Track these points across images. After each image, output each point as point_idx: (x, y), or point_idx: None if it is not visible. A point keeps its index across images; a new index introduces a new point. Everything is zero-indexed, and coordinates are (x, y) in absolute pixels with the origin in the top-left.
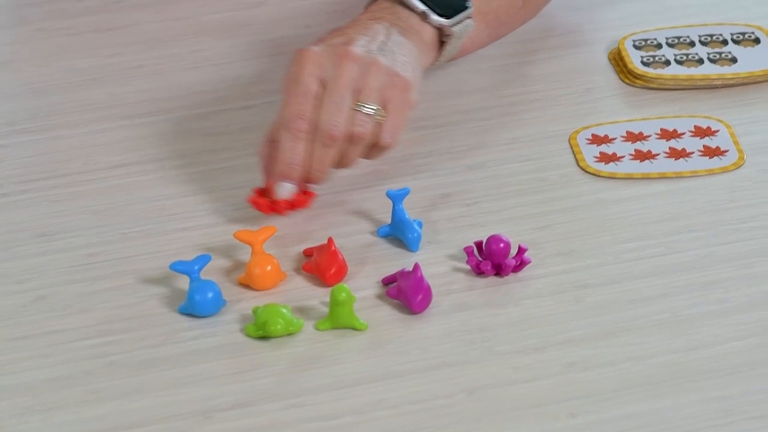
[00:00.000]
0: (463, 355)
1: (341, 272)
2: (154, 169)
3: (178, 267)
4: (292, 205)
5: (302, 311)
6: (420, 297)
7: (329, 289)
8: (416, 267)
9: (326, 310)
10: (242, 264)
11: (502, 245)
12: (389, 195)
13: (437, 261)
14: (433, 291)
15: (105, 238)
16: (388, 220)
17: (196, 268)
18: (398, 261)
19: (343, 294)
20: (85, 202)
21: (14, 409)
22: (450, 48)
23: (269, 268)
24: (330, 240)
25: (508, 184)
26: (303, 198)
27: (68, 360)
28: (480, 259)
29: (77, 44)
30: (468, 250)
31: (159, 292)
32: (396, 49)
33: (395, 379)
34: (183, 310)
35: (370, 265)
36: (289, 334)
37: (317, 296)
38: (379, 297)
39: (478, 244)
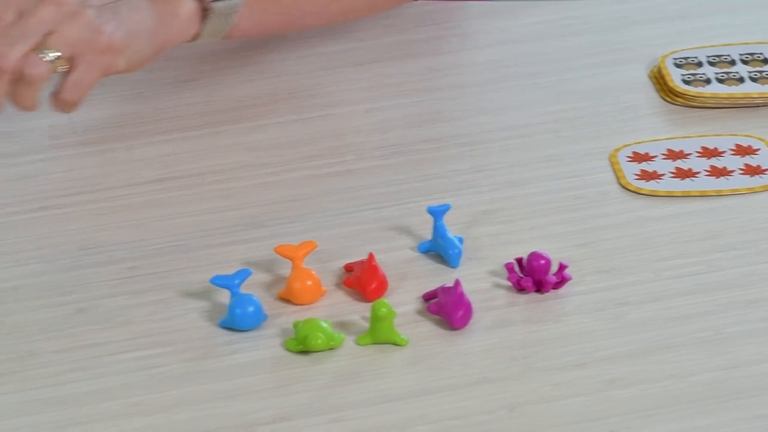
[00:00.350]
0: (503, 371)
1: (382, 287)
2: (195, 184)
3: (219, 281)
4: None
5: (343, 326)
6: (461, 313)
7: (370, 305)
8: (457, 283)
9: (367, 325)
10: (283, 278)
11: (542, 262)
12: (430, 211)
13: (478, 277)
14: (474, 307)
15: (146, 252)
16: (429, 236)
17: (237, 282)
18: (439, 277)
19: (384, 309)
20: (126, 215)
21: (55, 422)
22: (212, 26)
23: (310, 282)
24: (371, 255)
25: (549, 201)
26: None
27: (109, 373)
28: (521, 275)
29: None
30: (509, 267)
31: (200, 306)
32: (125, 12)
33: (436, 394)
34: (224, 324)
35: (410, 280)
36: (330, 349)
37: (358, 311)
38: (420, 312)
39: (519, 261)
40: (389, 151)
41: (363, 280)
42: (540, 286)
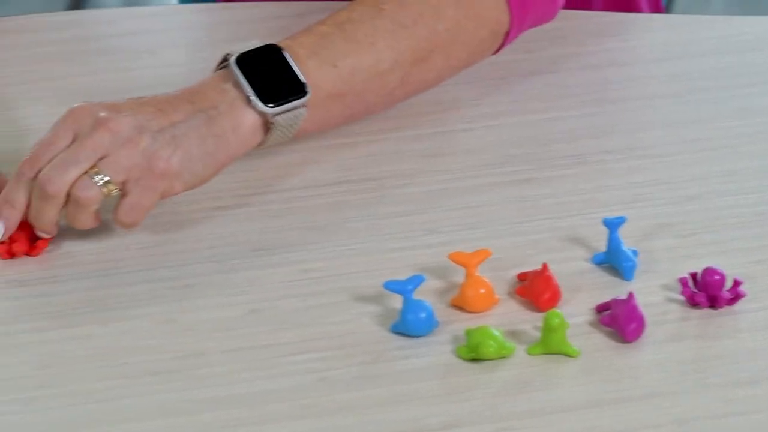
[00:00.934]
0: (674, 386)
1: (555, 298)
2: (372, 188)
3: (392, 286)
4: (11, 253)
5: (514, 335)
6: (633, 326)
7: (542, 314)
8: (630, 296)
9: (538, 335)
10: (456, 286)
11: (717, 277)
12: (605, 223)
13: (651, 290)
14: (647, 320)
15: (320, 255)
16: (604, 248)
17: (410, 288)
18: (612, 289)
19: (557, 319)
20: (301, 218)
21: (226, 421)
22: (276, 136)
23: (483, 291)
24: (545, 265)
25: (726, 217)
26: (30, 247)
27: (280, 374)
28: (694, 290)
29: None
30: (683, 281)
31: (372, 310)
32: (183, 136)
33: (605, 406)
34: (395, 329)
35: (583, 291)
36: (501, 358)
37: (530, 321)
38: (592, 324)
39: (693, 276)
40: (567, 161)
41: (536, 289)
42: (714, 302)
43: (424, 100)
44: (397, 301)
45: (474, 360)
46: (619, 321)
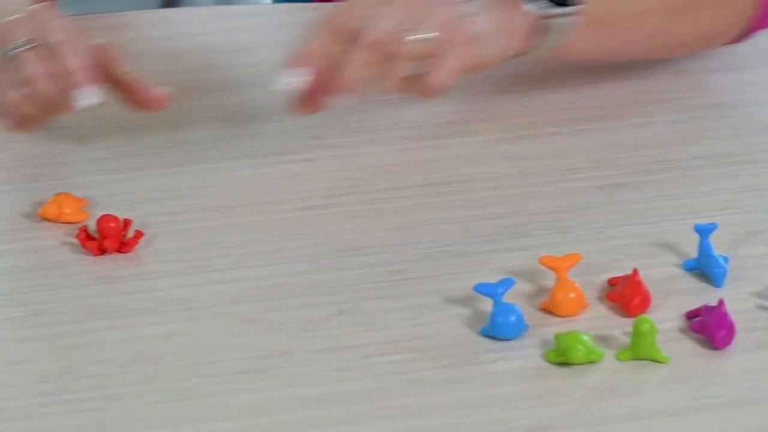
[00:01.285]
0: (763, 394)
1: (645, 303)
2: (460, 190)
3: (482, 289)
4: (102, 249)
5: (603, 340)
6: (723, 333)
7: (632, 320)
8: (721, 302)
9: (628, 340)
10: (545, 290)
11: None
12: (697, 229)
13: (741, 297)
14: (737, 327)
15: (408, 256)
16: (694, 254)
17: (500, 291)
18: (702, 295)
19: (647, 325)
20: (389, 219)
21: (311, 420)
22: (547, 40)
23: (573, 295)
24: (635, 270)
25: None
26: (121, 244)
27: (366, 375)
28: None
29: None
30: None
31: (460, 312)
32: (481, 10)
33: (693, 413)
34: (485, 333)
35: (673, 297)
36: (590, 362)
37: (619, 326)
38: (682, 330)
39: None
40: (658, 166)
41: (626, 295)
42: None
43: (514, 103)
44: (486, 304)
45: (563, 364)
46: (709, 328)
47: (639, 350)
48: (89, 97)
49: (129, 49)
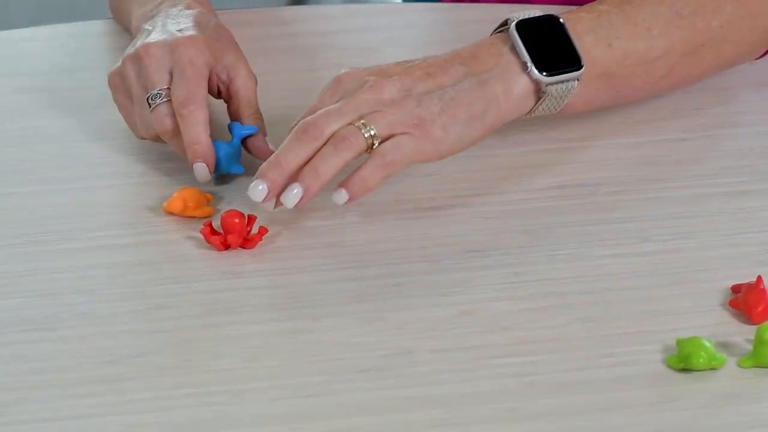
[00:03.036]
0: None
1: None
2: (586, 194)
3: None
4: (226, 245)
5: (725, 347)
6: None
7: (755, 327)
8: (759, 279)
9: (750, 347)
10: None
11: None
12: None
13: None
14: None
15: (533, 258)
16: None
17: (242, 132)
18: None
19: None
20: (516, 221)
21: (428, 421)
22: (544, 107)
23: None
24: (759, 278)
25: None
26: (245, 240)
27: (486, 376)
28: None
29: None
30: None
31: (583, 315)
32: (451, 97)
33: None
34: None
35: None
36: (711, 369)
37: (742, 333)
38: None
39: None
40: None
41: (749, 302)
42: None
43: (643, 108)
44: (606, 308)
45: (684, 370)
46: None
47: (761, 358)
48: (202, 170)
49: (256, 46)
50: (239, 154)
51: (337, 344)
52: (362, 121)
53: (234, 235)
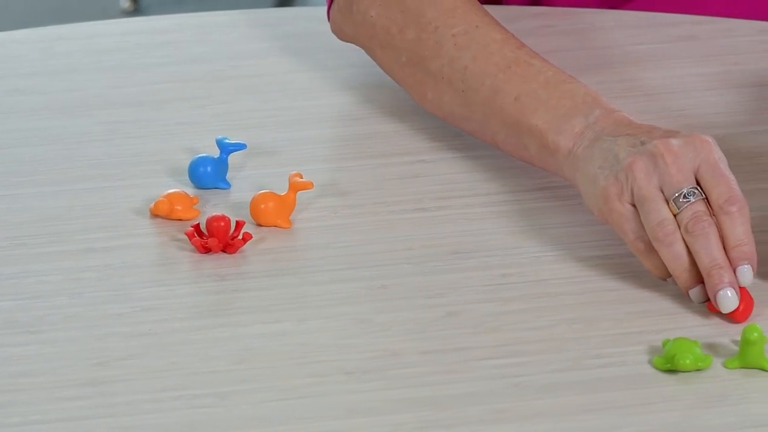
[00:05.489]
0: None
1: (748, 309)
2: (572, 195)
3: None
4: (206, 248)
5: (712, 348)
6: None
7: (741, 327)
8: None
9: (736, 348)
10: None
11: None
12: None
13: None
14: None
15: (519, 260)
16: None
17: (230, 148)
18: None
19: (756, 334)
20: (501, 222)
21: (416, 422)
22: None
23: None
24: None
25: None
26: (226, 245)
27: (474, 378)
28: None
29: None
30: None
31: (570, 316)
32: None
33: None
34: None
35: None
36: (697, 370)
37: (728, 334)
38: None
39: None
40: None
41: None
42: None
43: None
44: (597, 308)
45: (670, 371)
46: None
47: (747, 359)
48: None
49: (243, 48)
50: (226, 169)
51: (324, 346)
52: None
53: (215, 239)
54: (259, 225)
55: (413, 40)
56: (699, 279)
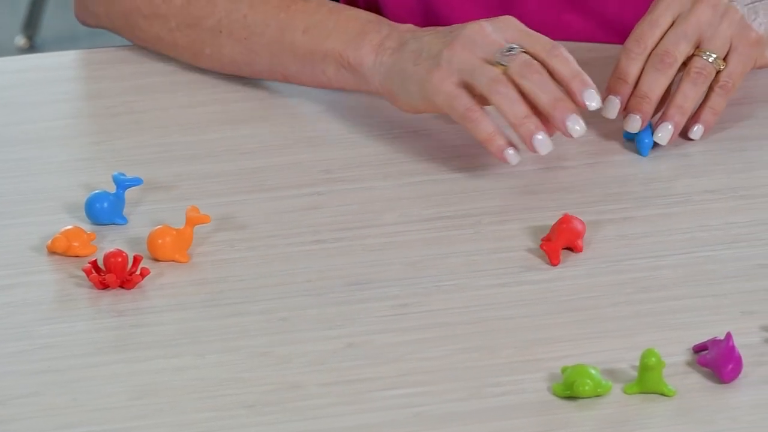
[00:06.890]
0: None
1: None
2: (468, 224)
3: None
4: (104, 284)
5: (611, 373)
6: (730, 366)
7: (639, 353)
8: (728, 336)
9: (635, 373)
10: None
11: None
12: None
13: (750, 331)
14: (744, 361)
15: (417, 290)
16: None
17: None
18: (710, 329)
19: (654, 359)
20: (398, 253)
21: None
22: None
23: None
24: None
25: None
26: (124, 280)
27: (376, 408)
28: None
29: None
30: None
31: (469, 345)
32: (761, 9)
33: None
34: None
35: (679, 330)
36: (597, 396)
37: (627, 360)
38: (689, 364)
39: None
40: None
41: (719, 360)
42: None
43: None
44: (492, 338)
45: (570, 398)
46: (717, 361)
47: (646, 384)
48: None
49: None
50: (123, 204)
51: (224, 380)
52: (703, 49)
53: (112, 275)
54: (157, 260)
55: (182, 5)
56: (537, 124)
